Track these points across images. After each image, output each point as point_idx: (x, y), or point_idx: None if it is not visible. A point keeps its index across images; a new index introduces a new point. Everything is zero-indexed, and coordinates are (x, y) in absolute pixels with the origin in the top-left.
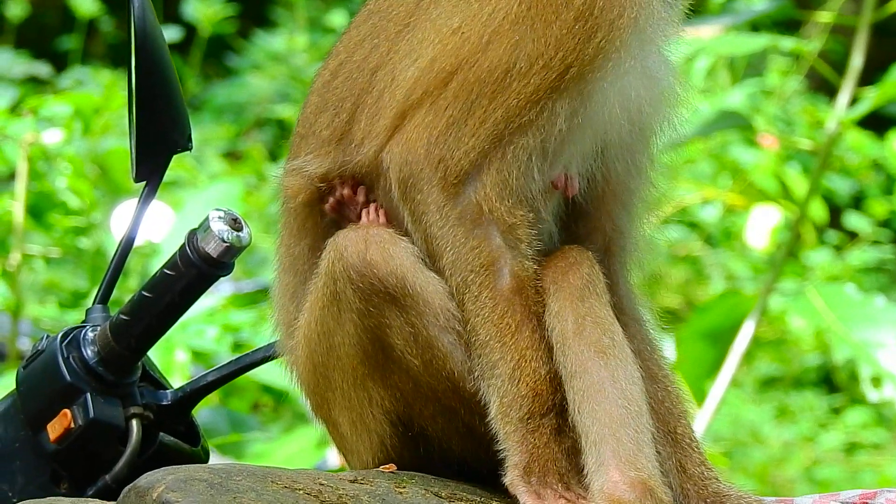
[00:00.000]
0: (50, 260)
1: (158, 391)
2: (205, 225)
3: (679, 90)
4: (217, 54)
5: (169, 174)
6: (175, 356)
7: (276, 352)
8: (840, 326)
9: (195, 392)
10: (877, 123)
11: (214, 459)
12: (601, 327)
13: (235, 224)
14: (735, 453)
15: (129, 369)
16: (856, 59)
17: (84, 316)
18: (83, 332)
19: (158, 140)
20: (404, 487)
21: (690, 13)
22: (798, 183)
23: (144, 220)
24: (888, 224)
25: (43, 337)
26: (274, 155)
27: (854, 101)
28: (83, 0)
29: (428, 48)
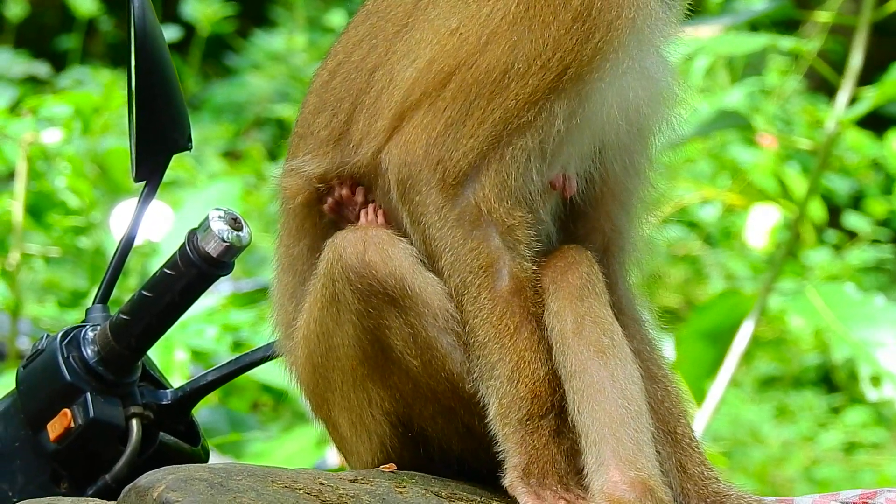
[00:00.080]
0: (49, 259)
1: (158, 391)
2: (205, 224)
3: (677, 90)
4: (216, 54)
5: (168, 174)
6: (175, 356)
7: (276, 351)
8: (839, 326)
9: (195, 391)
10: (876, 123)
11: (214, 459)
12: (600, 327)
13: (235, 223)
14: (735, 453)
15: (129, 369)
16: (855, 59)
17: (84, 315)
18: (83, 332)
19: (158, 140)
20: (404, 487)
21: (689, 13)
22: (797, 182)
23: (144, 220)
24: (887, 223)
25: (43, 336)
26: (273, 154)
27: (853, 101)
28: (82, 0)
29: (426, 49)
